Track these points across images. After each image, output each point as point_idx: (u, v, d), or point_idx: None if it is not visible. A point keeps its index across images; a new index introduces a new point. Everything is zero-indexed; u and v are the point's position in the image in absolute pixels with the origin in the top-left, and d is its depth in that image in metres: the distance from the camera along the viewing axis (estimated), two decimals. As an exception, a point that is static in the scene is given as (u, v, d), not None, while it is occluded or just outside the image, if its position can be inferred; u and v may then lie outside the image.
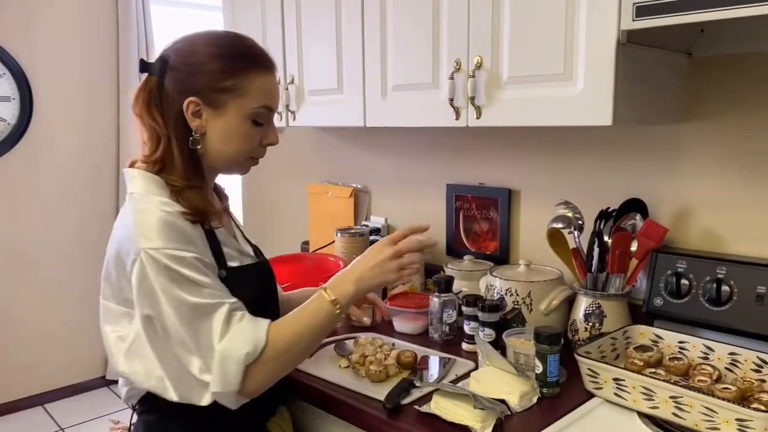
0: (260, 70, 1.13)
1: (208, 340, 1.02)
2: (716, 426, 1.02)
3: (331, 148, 2.32)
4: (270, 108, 1.15)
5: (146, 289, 1.01)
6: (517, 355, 1.32)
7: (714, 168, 1.39)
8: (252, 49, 1.14)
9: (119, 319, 1.09)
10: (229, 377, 1.01)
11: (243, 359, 1.01)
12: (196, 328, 1.01)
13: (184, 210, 1.07)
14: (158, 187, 1.09)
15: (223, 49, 1.11)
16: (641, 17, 1.05)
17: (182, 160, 1.11)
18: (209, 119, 1.11)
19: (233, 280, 1.11)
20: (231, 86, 1.09)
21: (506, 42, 1.30)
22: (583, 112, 1.19)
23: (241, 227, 1.34)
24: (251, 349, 1.02)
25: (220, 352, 1.01)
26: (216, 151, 1.13)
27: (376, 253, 1.16)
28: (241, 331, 1.03)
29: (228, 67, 1.09)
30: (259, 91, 1.12)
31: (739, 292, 1.27)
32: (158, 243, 1.01)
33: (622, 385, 1.15)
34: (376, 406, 1.20)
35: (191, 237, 1.05)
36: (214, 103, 1.10)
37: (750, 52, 1.30)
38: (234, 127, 1.12)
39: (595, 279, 1.44)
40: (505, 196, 1.76)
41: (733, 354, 1.23)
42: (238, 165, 1.19)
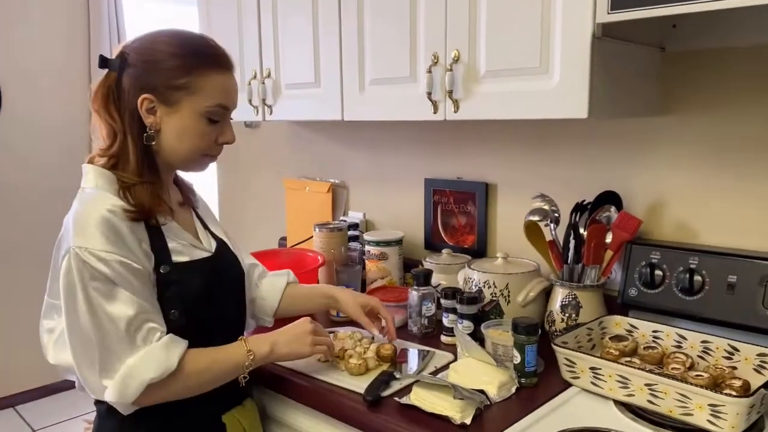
0: (215, 68, 1.14)
1: (116, 350, 1.04)
2: (690, 412, 1.04)
3: (309, 143, 2.31)
4: (225, 107, 1.16)
5: (68, 284, 1.03)
6: (496, 346, 1.33)
7: (686, 161, 1.42)
8: (210, 48, 1.16)
9: (50, 312, 1.14)
10: (128, 392, 1.03)
11: (147, 381, 1.04)
12: (106, 335, 1.03)
13: (127, 207, 1.08)
14: (108, 183, 1.11)
15: (181, 47, 1.12)
16: (616, 10, 1.07)
17: (136, 156, 1.12)
18: (163, 116, 1.12)
19: (178, 274, 1.13)
20: (184, 84, 1.11)
21: (483, 36, 1.30)
22: (560, 106, 1.21)
23: (210, 220, 1.33)
24: (158, 375, 1.04)
25: (126, 367, 1.04)
26: (170, 148, 1.14)
27: (297, 326, 1.25)
28: (154, 354, 1.05)
29: (183, 64, 1.11)
30: (213, 89, 1.13)
31: (710, 281, 1.30)
32: (89, 243, 1.02)
33: (599, 373, 1.17)
34: (356, 399, 1.20)
35: (126, 239, 1.06)
36: (168, 100, 1.11)
37: (720, 47, 1.33)
38: (188, 124, 1.13)
39: (571, 270, 1.46)
40: (483, 190, 1.77)
41: (705, 342, 1.25)
42: (192, 162, 1.20)
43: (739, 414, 0.99)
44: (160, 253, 1.12)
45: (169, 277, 1.11)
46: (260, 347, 1.19)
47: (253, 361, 1.17)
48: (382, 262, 1.82)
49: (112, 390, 1.03)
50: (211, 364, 1.14)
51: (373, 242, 1.83)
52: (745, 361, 1.19)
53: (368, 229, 2.12)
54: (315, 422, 1.30)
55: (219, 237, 1.30)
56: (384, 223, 2.10)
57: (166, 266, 1.12)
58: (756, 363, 1.18)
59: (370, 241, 1.83)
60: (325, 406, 1.25)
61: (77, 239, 1.03)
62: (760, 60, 1.29)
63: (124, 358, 1.04)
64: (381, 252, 1.82)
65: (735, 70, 1.32)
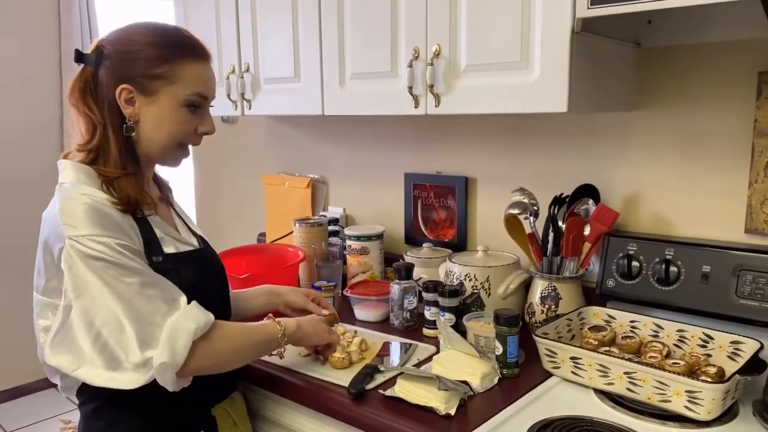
0: (193, 57, 1.14)
1: (152, 317, 1.02)
2: (668, 398, 1.07)
3: (288, 138, 2.30)
4: (204, 96, 1.16)
5: (76, 275, 1.01)
6: (478, 338, 1.35)
7: (661, 154, 1.45)
8: (187, 39, 1.16)
9: (44, 311, 1.10)
10: (178, 350, 1.02)
11: (192, 332, 1.03)
12: (138, 308, 1.02)
13: (113, 200, 1.07)
14: (88, 177, 1.10)
15: (158, 38, 1.12)
16: (596, 5, 1.09)
17: (117, 147, 1.11)
18: (142, 106, 1.12)
19: (170, 264, 1.12)
20: (163, 73, 1.10)
21: (464, 30, 1.31)
22: (540, 100, 1.22)
23: (187, 219, 1.33)
24: (202, 324, 1.05)
25: (169, 324, 1.03)
26: (149, 139, 1.14)
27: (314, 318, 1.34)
28: (191, 310, 1.06)
29: (161, 54, 1.11)
30: (191, 78, 1.13)
31: (686, 272, 1.33)
32: (84, 230, 1.01)
33: (579, 363, 1.19)
34: (340, 392, 1.21)
35: (119, 223, 1.05)
36: (146, 90, 1.11)
37: (693, 42, 1.36)
38: (167, 114, 1.13)
39: (550, 263, 1.48)
40: (462, 184, 1.79)
41: (681, 331, 1.29)
42: (170, 152, 1.18)
43: (715, 399, 1.02)
44: (151, 243, 1.11)
45: (164, 266, 1.10)
46: (288, 323, 1.23)
47: (284, 333, 1.20)
48: (363, 256, 1.83)
49: (161, 353, 1.00)
50: (244, 332, 1.16)
51: (354, 237, 1.83)
52: (720, 349, 1.22)
53: (348, 224, 2.13)
54: (300, 417, 1.30)
55: (198, 233, 1.30)
56: (364, 218, 2.10)
57: (158, 256, 1.11)
58: (730, 350, 1.21)
59: (351, 236, 1.84)
60: (310, 401, 1.25)
61: (71, 230, 1.01)
62: (731, 55, 1.32)
63: (163, 322, 1.03)
64: (362, 246, 1.82)
65: (707, 65, 1.35)
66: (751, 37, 1.28)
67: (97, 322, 1.01)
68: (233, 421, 1.26)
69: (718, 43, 1.33)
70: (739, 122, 1.33)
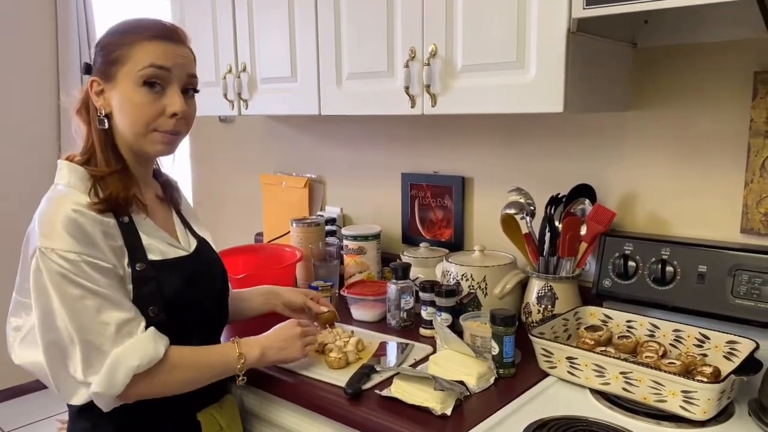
0: (147, 37, 1.10)
1: (100, 343, 1.02)
2: (663, 398, 1.07)
3: (285, 138, 2.30)
4: (159, 66, 1.09)
5: (40, 285, 1.02)
6: (474, 338, 1.35)
7: (657, 154, 1.45)
8: (147, 22, 1.13)
9: (18, 310, 1.12)
10: (115, 382, 1.02)
11: (133, 369, 1.03)
12: (88, 331, 1.02)
13: (96, 201, 1.07)
14: (79, 179, 1.09)
15: (121, 26, 1.14)
16: (591, 5, 1.09)
17: (99, 143, 1.12)
18: (109, 96, 1.12)
19: (154, 272, 1.11)
20: (118, 56, 1.10)
21: (460, 30, 1.31)
22: (536, 100, 1.22)
23: (192, 219, 1.31)
24: (145, 362, 1.04)
25: (113, 356, 1.02)
26: (122, 127, 1.13)
27: (286, 330, 1.27)
28: (139, 343, 1.05)
29: (115, 39, 1.11)
30: (144, 54, 1.09)
31: (682, 272, 1.33)
32: (55, 243, 1.01)
33: (575, 363, 1.19)
34: (337, 393, 1.21)
35: (94, 237, 1.04)
36: (107, 76, 1.11)
37: (690, 42, 1.36)
38: (127, 95, 1.10)
39: (546, 263, 1.48)
40: (459, 183, 1.79)
41: (677, 331, 1.29)
42: (144, 139, 1.12)
43: (710, 399, 1.02)
44: (135, 251, 1.10)
45: (147, 274, 1.09)
46: (251, 352, 1.19)
47: (243, 365, 1.18)
48: (360, 256, 1.83)
49: (99, 382, 1.02)
50: (198, 361, 1.14)
51: (351, 237, 1.83)
52: (715, 349, 1.23)
53: (345, 224, 2.13)
54: (296, 417, 1.30)
55: (200, 236, 1.28)
56: (361, 217, 2.10)
57: (142, 263, 1.10)
58: (726, 350, 1.21)
59: (348, 236, 1.84)
60: (306, 401, 1.25)
61: (43, 239, 1.01)
62: (727, 55, 1.32)
63: (110, 349, 1.03)
64: (359, 246, 1.82)
65: (704, 65, 1.35)
66: (747, 38, 1.28)
67: (51, 334, 1.03)
68: (220, 426, 1.25)
69: (715, 43, 1.33)
70: (734, 122, 1.33)
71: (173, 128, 1.13)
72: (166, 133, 1.13)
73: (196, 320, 1.20)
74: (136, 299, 1.08)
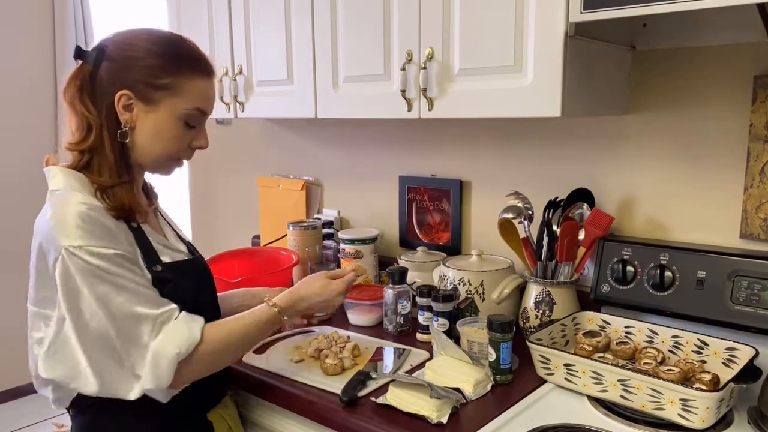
0: (199, 73, 1.12)
1: (138, 338, 1.02)
2: (662, 406, 1.06)
3: (282, 140, 2.29)
4: (203, 111, 1.15)
5: (71, 287, 1.00)
6: (471, 344, 1.33)
7: (656, 158, 1.44)
8: (194, 52, 1.14)
9: (36, 321, 1.08)
10: (162, 374, 1.02)
11: (175, 357, 1.02)
12: (125, 325, 1.01)
13: (109, 207, 1.06)
14: (80, 184, 1.07)
15: (164, 47, 1.10)
16: (589, 9, 1.07)
17: (113, 153, 1.09)
18: (140, 114, 1.09)
19: (169, 274, 1.11)
20: (167, 84, 1.09)
21: (457, 34, 1.30)
22: (533, 104, 1.21)
23: (175, 226, 1.31)
24: (184, 349, 1.03)
25: (152, 350, 1.02)
26: (143, 148, 1.12)
27: (324, 287, 1.27)
28: (175, 330, 1.04)
29: (166, 64, 1.09)
30: (195, 93, 1.11)
31: (681, 277, 1.32)
32: (78, 241, 0.99)
33: (573, 370, 1.18)
34: (332, 400, 1.19)
35: (113, 232, 1.03)
36: (147, 98, 1.09)
37: (689, 45, 1.35)
38: (164, 126, 1.11)
39: (544, 267, 1.47)
40: (457, 187, 1.78)
41: (676, 337, 1.28)
42: (162, 165, 1.17)
43: (709, 408, 1.01)
44: (148, 253, 1.10)
45: (164, 276, 1.09)
46: (281, 298, 1.20)
47: (279, 311, 1.18)
48: (357, 260, 1.81)
49: (147, 378, 1.01)
50: (234, 327, 1.13)
51: (348, 240, 1.82)
52: (714, 355, 1.22)
53: (343, 227, 2.11)
54: (291, 423, 1.29)
55: (184, 239, 1.29)
56: (359, 220, 2.09)
57: (158, 265, 1.10)
58: (725, 357, 1.20)
59: (345, 240, 1.82)
60: (301, 408, 1.24)
61: (65, 240, 0.99)
62: (727, 59, 1.31)
63: (149, 343, 1.02)
64: (356, 250, 1.81)
65: (703, 68, 1.34)
66: (747, 41, 1.27)
67: (90, 336, 1.01)
68: (228, 426, 1.26)
69: (714, 46, 1.32)
70: (734, 126, 1.32)
71: (191, 158, 1.19)
72: (183, 160, 1.19)
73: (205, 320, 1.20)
74: None
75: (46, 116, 3.40)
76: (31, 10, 3.29)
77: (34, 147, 3.34)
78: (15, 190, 3.30)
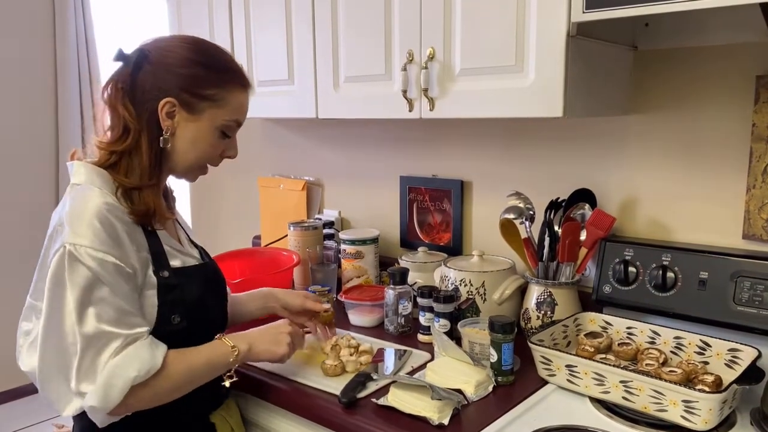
0: (239, 85, 1.16)
1: (99, 352, 1.00)
2: (664, 408, 1.05)
3: (282, 140, 2.28)
4: (239, 123, 1.19)
5: (56, 282, 1.00)
6: (472, 345, 1.33)
7: (658, 159, 1.43)
8: (234, 64, 1.18)
9: (30, 313, 1.10)
10: (111, 394, 0.99)
11: (131, 380, 1.00)
12: (92, 338, 0.99)
13: (131, 211, 1.06)
14: (103, 181, 1.08)
15: (206, 57, 1.14)
16: (591, 9, 1.07)
17: (149, 158, 1.10)
18: (181, 122, 1.11)
19: (177, 279, 1.11)
20: (212, 95, 1.12)
21: (458, 34, 1.30)
22: (535, 104, 1.21)
23: (188, 230, 1.32)
24: (143, 372, 1.01)
25: (110, 367, 0.99)
26: (180, 155, 1.14)
27: (276, 327, 1.24)
28: (137, 352, 1.02)
29: (212, 75, 1.12)
30: (235, 105, 1.15)
31: (683, 278, 1.31)
32: (85, 240, 0.99)
33: (575, 371, 1.17)
34: (332, 401, 1.19)
35: (122, 240, 1.03)
36: (191, 107, 1.11)
37: (691, 45, 1.34)
38: (203, 135, 1.14)
39: (546, 268, 1.46)
40: (458, 187, 1.77)
41: (678, 338, 1.27)
42: (193, 171, 1.20)
43: (712, 409, 1.01)
44: (159, 258, 1.10)
45: (170, 282, 1.09)
46: (241, 344, 1.16)
47: (237, 357, 1.14)
48: (358, 260, 1.81)
49: (94, 394, 0.98)
50: (194, 362, 1.11)
51: (349, 241, 1.81)
52: (717, 357, 1.21)
53: (344, 227, 2.11)
54: (291, 424, 1.29)
55: (197, 244, 1.29)
56: (359, 220, 2.09)
57: (166, 271, 1.10)
58: (727, 358, 1.19)
59: (346, 240, 1.82)
60: (301, 409, 1.23)
61: (73, 236, 0.99)
62: (730, 58, 1.30)
63: (108, 359, 1.00)
64: (357, 251, 1.81)
65: (706, 68, 1.34)
66: (749, 41, 1.27)
67: (54, 339, 1.01)
68: (231, 428, 1.26)
69: (716, 46, 1.31)
70: (736, 127, 1.31)
71: (218, 165, 1.22)
72: (211, 167, 1.22)
73: (211, 325, 1.20)
74: (161, 306, 1.08)
75: (46, 116, 3.40)
76: (31, 10, 3.29)
77: (34, 147, 3.34)
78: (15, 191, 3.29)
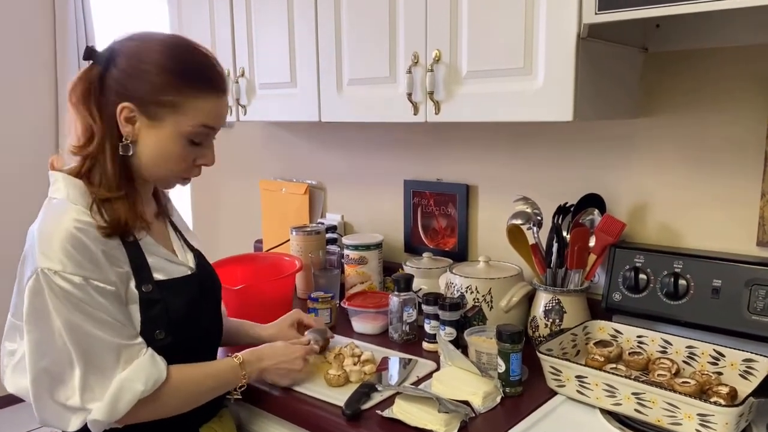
0: (207, 91, 1.07)
1: (105, 365, 0.99)
2: (678, 421, 1.02)
3: (285, 144, 2.25)
4: (210, 127, 1.09)
5: (38, 307, 0.97)
6: (479, 354, 1.30)
7: (669, 163, 1.40)
8: (204, 67, 1.08)
9: (13, 333, 1.07)
10: (118, 407, 0.98)
11: (139, 394, 1.00)
12: (93, 355, 0.98)
13: (100, 224, 1.01)
14: (80, 195, 1.03)
15: (174, 60, 1.05)
16: (604, 10, 1.04)
17: (113, 165, 1.05)
18: (142, 128, 1.05)
19: (160, 293, 1.08)
20: (170, 101, 1.04)
21: (465, 35, 1.27)
22: (544, 108, 1.18)
23: (184, 230, 1.28)
24: (150, 386, 1.01)
25: (118, 380, 0.99)
26: (146, 163, 1.08)
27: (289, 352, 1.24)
28: (142, 366, 1.01)
29: (172, 81, 1.04)
30: (199, 112, 1.06)
31: (695, 285, 1.28)
32: (57, 265, 0.96)
33: (585, 382, 1.14)
34: (335, 412, 1.16)
35: (96, 257, 0.99)
36: (150, 114, 1.04)
37: (703, 47, 1.31)
38: (167, 144, 1.06)
39: (554, 275, 1.43)
40: (463, 191, 1.74)
41: (691, 347, 1.24)
42: (166, 180, 1.14)
43: (728, 423, 0.97)
44: (141, 271, 1.06)
45: (153, 296, 1.06)
46: (253, 363, 1.18)
47: (246, 376, 1.16)
48: (362, 266, 1.78)
49: (102, 409, 0.97)
50: (200, 378, 1.11)
51: (352, 246, 1.78)
52: (731, 367, 1.18)
53: (346, 232, 2.08)
54: (293, 436, 1.26)
55: (195, 248, 1.25)
56: (363, 225, 2.06)
57: (148, 285, 1.06)
58: (742, 369, 1.16)
59: (349, 245, 1.79)
60: (304, 420, 1.20)
61: (43, 260, 0.96)
62: (742, 61, 1.27)
63: (114, 375, 0.99)
64: (360, 256, 1.77)
65: (718, 70, 1.31)
66: (764, 42, 1.24)
67: (45, 362, 0.98)
68: None
69: (728, 48, 1.28)
70: (750, 130, 1.28)
71: (198, 175, 1.14)
72: (189, 178, 1.14)
73: (199, 339, 1.18)
74: (144, 322, 1.05)
75: (46, 117, 3.37)
76: (32, 11, 3.27)
77: (34, 148, 3.32)
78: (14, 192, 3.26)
